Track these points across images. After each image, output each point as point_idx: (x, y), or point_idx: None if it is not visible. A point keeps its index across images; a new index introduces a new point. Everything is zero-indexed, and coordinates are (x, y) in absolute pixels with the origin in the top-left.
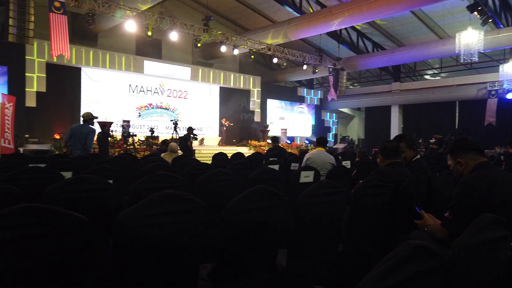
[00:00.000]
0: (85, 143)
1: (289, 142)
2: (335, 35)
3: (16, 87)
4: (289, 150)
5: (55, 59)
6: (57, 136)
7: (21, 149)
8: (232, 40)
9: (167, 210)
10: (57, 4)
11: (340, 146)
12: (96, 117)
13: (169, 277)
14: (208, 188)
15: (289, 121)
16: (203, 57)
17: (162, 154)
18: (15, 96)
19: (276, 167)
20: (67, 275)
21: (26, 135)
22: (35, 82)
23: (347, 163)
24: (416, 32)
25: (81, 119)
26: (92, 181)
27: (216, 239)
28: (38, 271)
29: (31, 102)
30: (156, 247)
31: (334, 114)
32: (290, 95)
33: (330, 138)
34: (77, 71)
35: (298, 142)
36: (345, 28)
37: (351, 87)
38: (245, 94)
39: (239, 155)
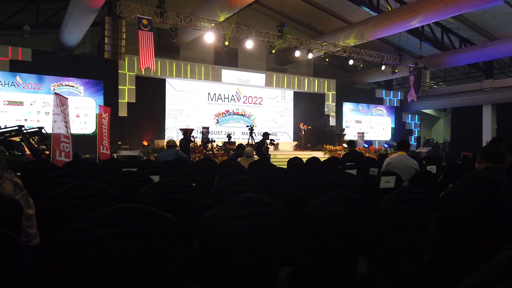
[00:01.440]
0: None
1: (366, 146)
2: (416, 32)
3: (111, 99)
4: (367, 155)
5: (143, 72)
6: (145, 143)
7: (115, 155)
8: (306, 44)
9: (248, 212)
10: (145, 22)
11: (423, 150)
12: (177, 145)
13: (250, 278)
14: (285, 192)
15: (367, 124)
16: (277, 63)
17: (239, 159)
18: (110, 107)
19: (353, 172)
20: (158, 272)
21: (119, 142)
22: (126, 93)
23: (432, 168)
24: (510, 23)
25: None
26: (178, 184)
27: (294, 243)
28: (133, 266)
29: (123, 112)
30: (238, 248)
31: (416, 116)
32: (367, 97)
33: (412, 141)
34: (162, 82)
35: (377, 146)
36: (428, 24)
37: (435, 86)
38: (320, 98)
39: (314, 159)
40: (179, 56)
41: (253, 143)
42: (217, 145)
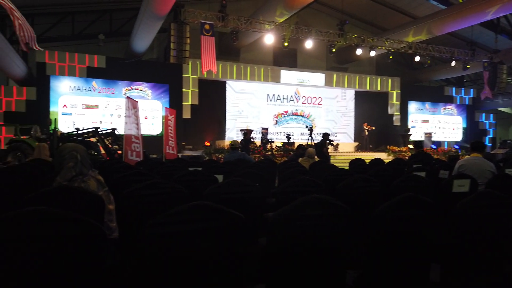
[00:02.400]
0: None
1: (434, 147)
2: (491, 24)
3: (175, 101)
4: (435, 156)
5: (205, 75)
6: (207, 143)
7: (179, 155)
8: (368, 41)
9: (316, 213)
10: (207, 26)
11: (500, 151)
12: (240, 147)
13: (317, 279)
14: (350, 194)
15: (434, 124)
16: (338, 62)
17: (300, 160)
18: (175, 109)
19: (422, 174)
20: (227, 268)
21: (183, 143)
22: (190, 96)
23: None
24: None
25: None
26: (243, 184)
27: (361, 245)
28: (204, 261)
29: (187, 114)
30: (305, 248)
31: (491, 115)
32: (435, 95)
33: (486, 142)
34: (223, 84)
35: (446, 147)
36: (504, 16)
37: None
38: (383, 97)
39: (378, 161)
40: (239, 58)
41: (313, 143)
42: (276, 145)
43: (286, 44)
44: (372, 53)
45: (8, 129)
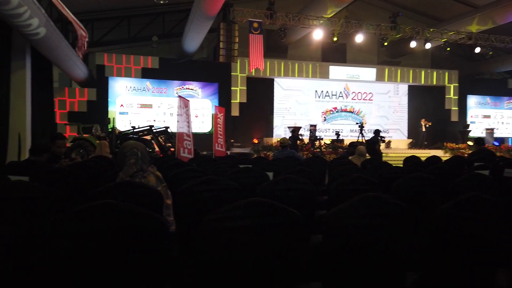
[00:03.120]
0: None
1: (497, 144)
2: None
3: (224, 99)
4: (498, 154)
5: (253, 73)
6: (255, 141)
7: (228, 152)
8: (423, 33)
9: (373, 212)
10: (255, 25)
11: None
12: (289, 144)
13: (375, 279)
14: (407, 193)
15: (497, 120)
16: (390, 56)
17: (350, 157)
18: (224, 107)
19: (485, 173)
20: (282, 264)
21: (232, 140)
22: (238, 94)
23: None
24: None
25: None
26: (295, 181)
27: (421, 246)
28: (259, 257)
29: (235, 111)
30: (362, 248)
31: None
32: (498, 88)
33: None
34: (271, 82)
35: (510, 144)
36: None
37: None
38: (439, 91)
39: (434, 159)
40: (287, 55)
41: (363, 141)
42: (324, 143)
43: (335, 39)
44: (428, 46)
45: (71, 128)
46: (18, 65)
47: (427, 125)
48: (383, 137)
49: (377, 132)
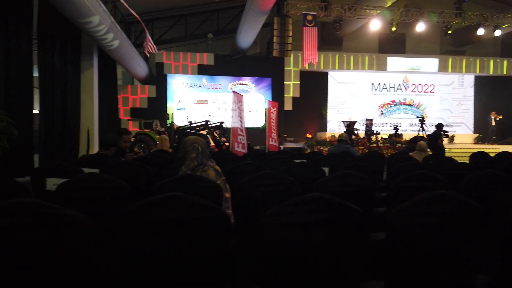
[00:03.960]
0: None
1: None
2: None
3: (277, 94)
4: None
5: (306, 67)
6: (309, 135)
7: (281, 147)
8: (492, 20)
9: (441, 210)
10: (309, 17)
11: None
12: (347, 140)
13: (442, 281)
14: (478, 192)
15: None
16: (454, 45)
17: (410, 153)
18: (277, 102)
19: None
20: (343, 261)
21: (284, 135)
22: (291, 88)
23: None
24: None
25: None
26: (353, 176)
27: (493, 248)
28: (320, 254)
29: (288, 106)
30: (429, 248)
31: None
32: None
33: None
34: (325, 75)
35: None
36: None
37: None
38: (510, 81)
39: (506, 155)
40: (342, 47)
41: (425, 135)
42: (381, 137)
43: (393, 29)
44: (497, 33)
45: (133, 123)
46: (87, 64)
47: (497, 119)
48: (446, 132)
49: (439, 126)
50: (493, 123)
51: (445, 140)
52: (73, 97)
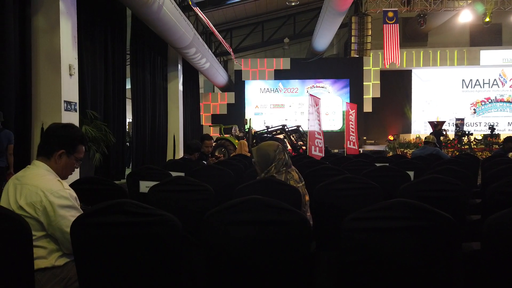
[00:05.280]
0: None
1: None
2: None
3: (356, 95)
4: None
5: (387, 66)
6: (391, 138)
7: (361, 150)
8: None
9: None
10: (390, 14)
11: None
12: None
13: None
14: None
15: None
16: None
17: (510, 154)
18: (356, 103)
19: None
20: (432, 272)
21: (364, 137)
22: (371, 89)
23: None
24: None
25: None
26: (443, 181)
27: None
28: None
29: (367, 107)
30: None
31: None
32: None
33: None
34: (408, 73)
35: None
36: None
37: None
38: None
39: None
40: (427, 43)
41: None
42: (475, 138)
43: (487, 19)
44: None
45: (214, 129)
46: (173, 75)
47: None
48: None
49: None
50: None
51: None
52: (161, 106)
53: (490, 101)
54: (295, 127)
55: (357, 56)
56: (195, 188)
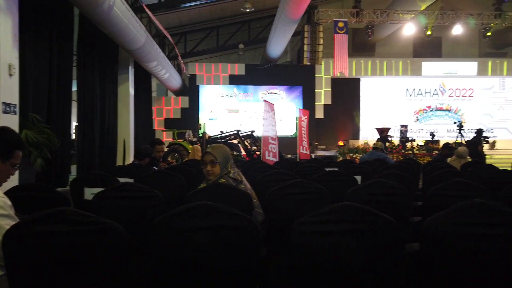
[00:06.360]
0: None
1: None
2: None
3: (309, 102)
4: None
5: (338, 75)
6: (341, 143)
7: (313, 155)
8: None
9: (480, 221)
10: (340, 24)
11: None
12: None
13: None
14: None
15: None
16: (494, 47)
17: (449, 159)
18: (308, 110)
19: None
20: (377, 273)
21: (316, 143)
22: (323, 96)
23: None
24: None
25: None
26: (387, 185)
27: None
28: (352, 264)
29: (319, 114)
30: (468, 260)
31: None
32: None
33: None
34: (357, 82)
35: None
36: None
37: None
38: None
39: None
40: (375, 53)
41: (463, 141)
42: (417, 144)
43: (429, 32)
44: None
45: (167, 134)
46: (124, 78)
47: None
48: (487, 137)
49: (479, 131)
50: None
51: (486, 146)
52: (111, 109)
53: (431, 109)
54: (249, 132)
55: (309, 64)
56: (144, 195)
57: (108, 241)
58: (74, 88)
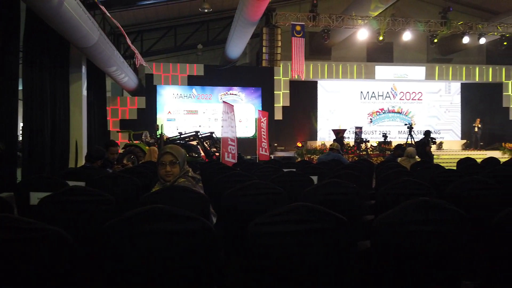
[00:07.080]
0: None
1: None
2: None
3: (268, 103)
4: None
5: (296, 77)
6: (299, 144)
7: (272, 156)
8: (477, 28)
9: (425, 218)
10: (298, 28)
11: None
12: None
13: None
14: (463, 198)
15: None
16: (440, 53)
17: (399, 159)
18: (267, 111)
19: None
20: (330, 270)
21: (275, 144)
22: (281, 98)
23: None
24: None
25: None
26: (341, 185)
27: (479, 254)
28: (307, 263)
29: (278, 115)
30: (414, 255)
31: None
32: None
33: None
34: (314, 84)
35: None
36: None
37: None
38: (495, 88)
39: (492, 160)
40: (331, 57)
41: (413, 142)
42: (371, 145)
43: (381, 38)
44: (482, 41)
45: (123, 135)
46: (76, 77)
47: (478, 126)
48: (434, 138)
49: (427, 133)
50: (476, 130)
51: (434, 147)
52: (61, 109)
53: (383, 111)
54: (209, 134)
55: (268, 66)
56: (94, 199)
57: (52, 249)
58: (21, 87)
